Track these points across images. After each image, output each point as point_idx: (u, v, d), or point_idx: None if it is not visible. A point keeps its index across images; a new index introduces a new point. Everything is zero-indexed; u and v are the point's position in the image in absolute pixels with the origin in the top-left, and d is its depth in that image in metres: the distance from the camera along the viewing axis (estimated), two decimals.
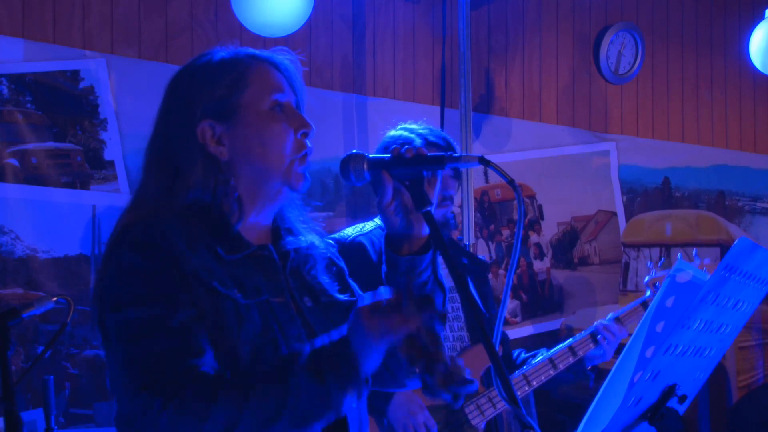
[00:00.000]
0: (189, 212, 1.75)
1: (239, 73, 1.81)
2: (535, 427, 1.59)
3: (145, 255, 1.67)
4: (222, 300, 1.70)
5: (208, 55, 1.85)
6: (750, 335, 5.49)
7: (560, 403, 4.83)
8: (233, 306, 1.71)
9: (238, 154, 1.79)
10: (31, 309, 2.26)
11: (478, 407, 3.11)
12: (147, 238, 1.68)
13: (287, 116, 1.83)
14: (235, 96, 1.80)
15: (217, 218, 1.77)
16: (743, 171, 5.59)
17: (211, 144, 1.79)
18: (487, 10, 4.69)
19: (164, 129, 1.82)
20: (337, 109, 4.26)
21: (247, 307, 1.72)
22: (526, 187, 4.84)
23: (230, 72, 1.81)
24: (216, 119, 1.79)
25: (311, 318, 1.81)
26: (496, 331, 1.76)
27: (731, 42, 5.50)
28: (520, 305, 4.78)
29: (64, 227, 3.57)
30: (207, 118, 1.79)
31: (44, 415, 2.67)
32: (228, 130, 1.79)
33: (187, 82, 1.82)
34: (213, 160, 1.78)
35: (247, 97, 1.80)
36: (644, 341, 1.84)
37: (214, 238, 1.75)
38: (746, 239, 1.84)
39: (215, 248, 1.74)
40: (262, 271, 1.79)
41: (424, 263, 1.86)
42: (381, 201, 1.84)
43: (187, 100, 1.80)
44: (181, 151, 1.78)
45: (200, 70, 1.82)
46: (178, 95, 1.82)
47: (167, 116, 1.82)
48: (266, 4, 3.77)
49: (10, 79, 3.51)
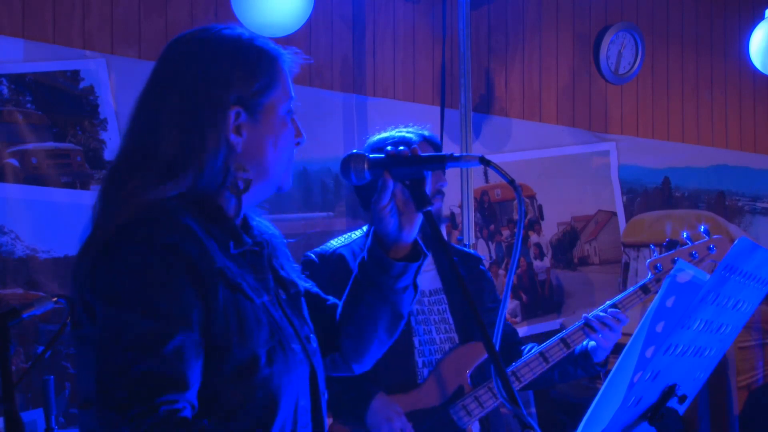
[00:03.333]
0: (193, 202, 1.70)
1: (275, 71, 1.79)
2: (535, 427, 1.59)
3: (162, 257, 1.59)
4: (243, 300, 1.68)
5: (236, 32, 1.79)
6: (750, 335, 5.49)
7: (560, 403, 4.83)
8: (251, 306, 1.69)
9: (251, 149, 1.76)
10: (31, 309, 2.26)
11: (464, 408, 3.06)
12: (165, 237, 1.60)
13: (292, 123, 1.85)
14: (267, 94, 1.78)
15: (219, 211, 1.74)
16: (743, 171, 5.59)
17: (234, 132, 1.74)
18: (487, 10, 4.70)
19: (190, 97, 1.71)
20: (337, 109, 4.27)
21: (259, 307, 1.72)
22: (526, 187, 4.84)
23: (268, 67, 1.78)
24: (244, 108, 1.75)
25: (289, 311, 1.82)
26: (496, 331, 1.76)
27: (731, 42, 5.50)
28: (520, 305, 4.79)
29: (64, 227, 3.57)
30: (239, 105, 1.74)
31: (44, 415, 2.67)
32: (250, 123, 1.76)
33: (222, 57, 1.74)
34: (230, 147, 1.74)
35: (274, 97, 1.79)
36: (644, 341, 1.84)
37: (223, 232, 1.72)
38: (746, 239, 1.84)
39: (227, 242, 1.71)
40: (254, 267, 1.79)
41: (413, 270, 1.88)
42: (377, 201, 1.83)
43: (225, 80, 1.73)
44: (207, 129, 1.70)
45: (236, 50, 1.76)
46: (211, 67, 1.73)
47: (196, 85, 1.72)
48: (266, 4, 3.78)
49: (10, 79, 3.51)
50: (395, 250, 1.88)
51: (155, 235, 1.60)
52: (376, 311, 1.91)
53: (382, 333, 1.95)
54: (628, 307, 3.23)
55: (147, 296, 1.58)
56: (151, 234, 1.60)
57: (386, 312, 1.92)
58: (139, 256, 1.59)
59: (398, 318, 1.95)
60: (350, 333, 1.94)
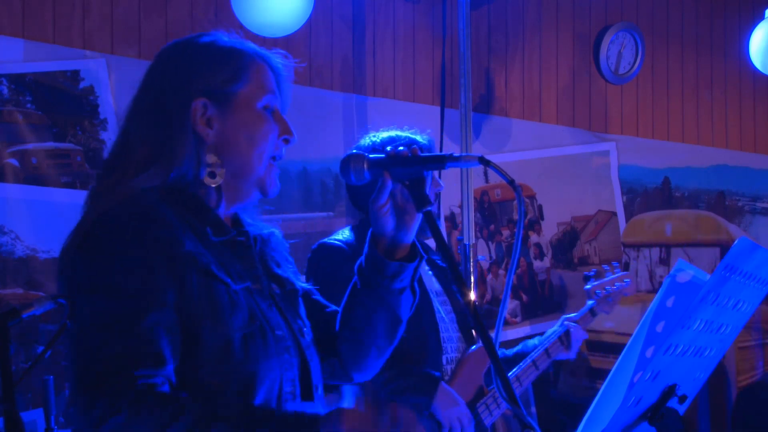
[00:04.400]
0: (170, 193, 1.75)
1: (243, 65, 1.82)
2: (535, 427, 1.59)
3: (132, 241, 1.64)
4: (216, 284, 1.70)
5: (212, 37, 1.85)
6: (750, 335, 5.49)
7: (560, 403, 4.84)
8: (226, 291, 1.71)
9: (224, 142, 1.80)
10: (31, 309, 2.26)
11: (487, 407, 3.14)
12: (135, 221, 1.66)
13: (275, 119, 1.85)
14: (235, 85, 1.81)
15: (197, 200, 1.78)
16: (743, 171, 5.59)
17: (201, 122, 1.78)
18: (487, 10, 4.70)
19: (157, 96, 1.81)
20: (337, 109, 4.27)
21: (237, 293, 1.73)
22: (526, 187, 4.84)
23: (235, 60, 1.82)
24: (211, 100, 1.79)
25: (282, 305, 1.84)
26: (496, 331, 1.76)
27: (731, 42, 5.50)
28: (520, 305, 4.79)
29: (64, 227, 3.55)
30: (203, 96, 1.79)
31: (44, 415, 2.67)
32: (220, 115, 1.80)
33: (189, 56, 1.82)
34: (199, 139, 1.78)
35: (246, 90, 1.82)
36: (644, 341, 1.84)
37: (200, 220, 1.76)
38: (746, 239, 1.84)
39: (204, 229, 1.74)
40: (240, 257, 1.80)
41: (410, 270, 1.87)
42: (375, 201, 1.83)
43: (188, 74, 1.80)
44: (174, 121, 1.77)
45: (205, 48, 1.83)
46: (178, 66, 1.82)
47: (162, 83, 1.81)
48: (266, 4, 3.78)
49: (10, 79, 3.51)
50: (393, 251, 1.88)
51: (126, 222, 1.65)
52: (373, 314, 1.90)
53: (380, 338, 1.94)
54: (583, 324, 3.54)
55: (118, 279, 1.62)
56: (122, 222, 1.66)
57: (383, 315, 1.91)
58: (111, 244, 1.64)
59: (396, 322, 1.93)
60: (347, 337, 1.94)
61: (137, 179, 1.73)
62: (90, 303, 1.63)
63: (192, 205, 1.76)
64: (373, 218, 1.86)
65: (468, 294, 1.74)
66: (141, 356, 1.58)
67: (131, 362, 1.57)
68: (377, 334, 1.92)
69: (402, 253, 1.88)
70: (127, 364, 1.57)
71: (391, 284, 1.87)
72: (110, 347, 1.58)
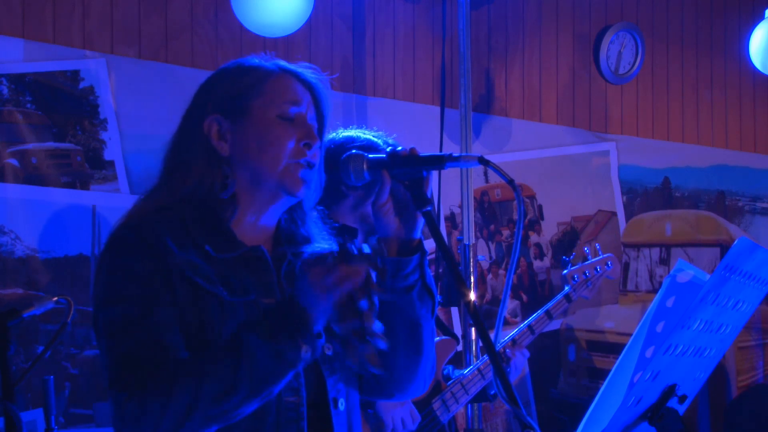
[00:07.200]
0: (183, 208, 1.81)
1: (259, 78, 1.87)
2: (535, 427, 1.59)
3: (130, 255, 1.75)
4: (205, 296, 1.74)
5: (240, 61, 1.93)
6: (750, 335, 5.49)
7: (560, 403, 4.84)
8: (218, 302, 1.75)
9: (237, 153, 1.84)
10: (31, 309, 2.27)
11: (443, 403, 3.11)
12: (133, 237, 1.76)
13: (294, 125, 1.85)
14: (248, 98, 1.85)
15: (210, 214, 1.82)
16: (743, 171, 5.59)
17: (215, 138, 1.84)
18: (487, 10, 4.70)
19: (182, 120, 1.91)
20: (337, 109, 4.26)
21: (232, 304, 1.75)
22: (526, 187, 4.84)
23: (248, 76, 1.87)
24: (224, 115, 1.85)
25: None
26: (496, 331, 1.76)
27: (731, 42, 5.50)
28: (520, 305, 4.79)
29: (64, 227, 3.57)
30: (216, 112, 1.85)
31: (44, 415, 2.67)
32: (233, 127, 1.85)
33: (209, 82, 1.91)
34: (214, 154, 1.83)
35: (260, 101, 1.85)
36: (644, 341, 1.84)
37: (205, 236, 1.80)
38: (746, 239, 1.85)
39: (203, 246, 1.78)
40: (253, 271, 1.81)
41: (410, 266, 1.84)
42: (376, 201, 1.84)
43: (204, 97, 1.88)
44: (186, 140, 1.86)
45: (226, 72, 1.91)
46: (200, 90, 1.91)
47: (187, 108, 1.91)
48: (266, 4, 3.78)
49: (10, 79, 3.51)
50: (395, 250, 1.87)
51: (127, 236, 1.77)
52: (389, 320, 1.80)
53: (403, 346, 1.87)
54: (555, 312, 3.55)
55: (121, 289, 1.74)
56: (125, 236, 1.77)
57: (398, 319, 1.85)
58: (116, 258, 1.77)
59: (415, 327, 1.87)
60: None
61: (157, 197, 1.84)
62: (100, 318, 1.75)
63: (202, 219, 1.81)
64: (374, 218, 1.86)
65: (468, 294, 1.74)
66: (157, 344, 1.69)
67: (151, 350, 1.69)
68: (398, 341, 1.85)
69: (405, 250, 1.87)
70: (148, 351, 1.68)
71: (394, 283, 1.85)
72: (125, 344, 1.70)
